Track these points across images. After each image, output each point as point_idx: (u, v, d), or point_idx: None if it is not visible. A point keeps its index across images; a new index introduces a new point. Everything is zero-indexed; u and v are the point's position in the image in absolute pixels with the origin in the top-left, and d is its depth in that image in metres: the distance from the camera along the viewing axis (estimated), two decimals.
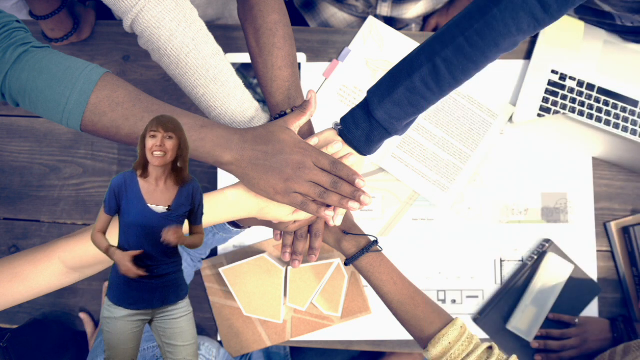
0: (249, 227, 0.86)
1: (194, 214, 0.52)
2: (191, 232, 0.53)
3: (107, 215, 0.50)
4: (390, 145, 1.05)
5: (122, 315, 0.51)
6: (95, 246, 0.50)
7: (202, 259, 1.00)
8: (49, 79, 0.62)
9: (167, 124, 0.48)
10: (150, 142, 0.48)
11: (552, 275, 1.00)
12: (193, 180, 0.52)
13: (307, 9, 1.30)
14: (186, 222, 0.53)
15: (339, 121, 0.78)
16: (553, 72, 1.07)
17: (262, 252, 1.01)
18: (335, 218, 0.74)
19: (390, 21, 1.22)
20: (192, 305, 1.05)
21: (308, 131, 0.83)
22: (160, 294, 0.52)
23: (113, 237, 0.51)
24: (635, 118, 1.05)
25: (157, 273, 0.51)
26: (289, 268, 0.99)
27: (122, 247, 0.51)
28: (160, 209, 0.50)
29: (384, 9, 1.19)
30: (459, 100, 1.07)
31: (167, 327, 0.53)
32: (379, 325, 1.03)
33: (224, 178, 1.05)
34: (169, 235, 0.48)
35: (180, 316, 0.54)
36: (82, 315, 1.04)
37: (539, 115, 1.06)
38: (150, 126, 0.48)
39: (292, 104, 0.81)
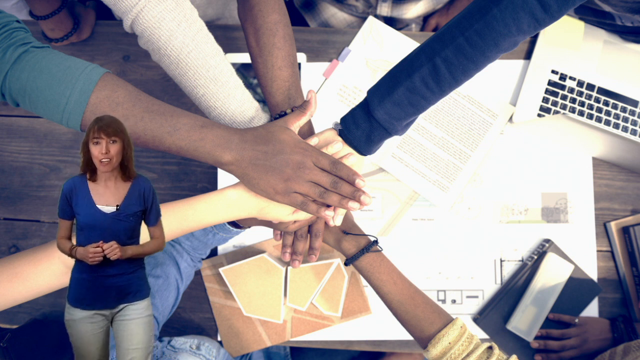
0: (249, 227, 0.86)
1: (148, 214, 0.52)
2: (150, 235, 0.53)
3: (64, 220, 0.50)
4: (390, 145, 1.05)
5: (81, 316, 0.51)
6: (62, 252, 0.50)
7: (202, 259, 1.00)
8: (49, 79, 0.62)
9: (108, 128, 0.48)
10: (95, 150, 0.48)
11: (552, 275, 1.00)
12: (143, 178, 0.52)
13: (307, 9, 1.30)
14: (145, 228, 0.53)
15: (339, 121, 0.78)
16: (553, 72, 1.07)
17: (262, 252, 1.01)
18: (335, 218, 0.74)
19: (390, 21, 1.22)
20: (192, 305, 1.05)
21: (308, 131, 0.83)
22: (115, 294, 0.51)
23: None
24: (635, 118, 1.05)
25: (111, 273, 0.51)
26: (289, 268, 0.99)
27: None
28: (109, 209, 0.50)
29: (384, 9, 1.19)
30: (459, 100, 1.07)
31: (119, 329, 0.52)
32: (379, 325, 1.03)
33: (224, 178, 1.05)
34: (109, 253, 0.48)
35: (132, 318, 0.52)
36: None
37: (539, 115, 1.06)
38: (92, 132, 0.48)
39: (292, 104, 0.81)
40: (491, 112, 1.07)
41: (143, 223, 0.53)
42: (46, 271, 0.61)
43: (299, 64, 1.08)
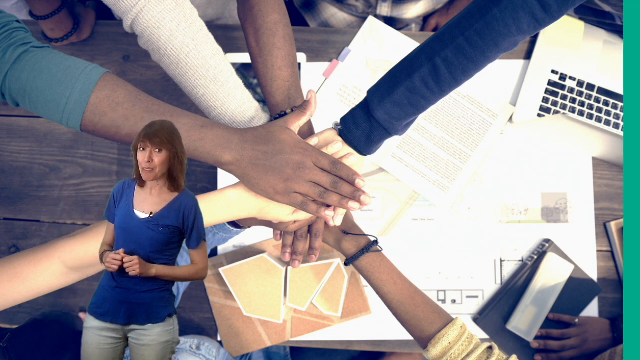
0: (249, 227, 0.86)
1: (188, 235, 0.50)
2: (190, 259, 0.51)
3: (109, 223, 0.50)
4: (390, 145, 1.05)
5: (92, 326, 0.50)
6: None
7: None
8: (49, 79, 0.62)
9: (154, 137, 0.46)
10: (140, 156, 0.47)
11: (552, 275, 1.00)
12: (189, 195, 0.50)
13: (307, 9, 1.30)
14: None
15: (339, 121, 0.78)
16: (553, 72, 1.07)
17: (262, 252, 1.01)
18: (335, 218, 0.74)
19: (390, 21, 1.22)
20: (192, 305, 1.05)
21: (308, 131, 0.83)
22: (126, 310, 0.49)
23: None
24: None
25: (128, 286, 0.49)
26: (289, 268, 0.99)
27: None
28: (143, 214, 0.49)
29: (384, 9, 1.19)
30: (459, 100, 1.07)
31: (132, 351, 0.50)
32: (379, 325, 1.03)
33: (224, 178, 1.05)
34: (128, 268, 0.46)
35: (144, 344, 0.49)
36: (82, 315, 1.04)
37: (539, 115, 1.06)
38: (140, 138, 0.47)
39: (292, 104, 0.81)
40: (491, 112, 1.07)
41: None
42: (46, 271, 0.61)
43: (299, 64, 1.08)
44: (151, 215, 0.48)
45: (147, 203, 0.49)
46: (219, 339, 1.03)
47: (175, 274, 0.49)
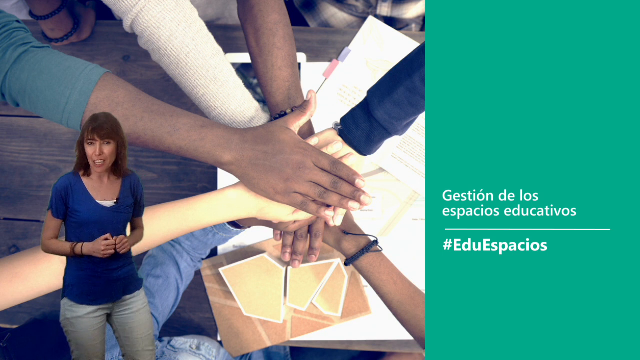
0: (249, 227, 0.86)
1: (137, 206, 0.54)
2: (132, 226, 0.55)
3: (56, 219, 0.51)
4: (390, 145, 1.05)
5: (86, 312, 0.52)
6: (53, 253, 0.51)
7: (202, 259, 1.00)
8: (49, 79, 0.62)
9: (101, 131, 0.49)
10: (89, 150, 0.49)
11: None
12: (132, 173, 0.54)
13: (307, 9, 1.30)
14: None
15: (339, 121, 0.78)
16: None
17: (262, 252, 1.01)
18: (335, 218, 0.74)
19: (390, 21, 1.22)
20: (192, 305, 1.05)
21: (308, 131, 0.83)
22: (120, 286, 0.54)
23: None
24: None
25: (115, 266, 0.53)
26: (289, 268, 0.99)
27: None
28: (109, 203, 0.52)
29: (384, 9, 1.19)
30: None
31: (126, 322, 0.54)
32: (379, 325, 1.03)
33: (224, 178, 1.05)
34: (120, 248, 0.51)
35: (138, 309, 0.55)
36: None
37: None
38: (87, 134, 0.49)
39: (292, 104, 0.81)
40: None
41: None
42: (46, 271, 0.61)
43: (299, 64, 1.08)
44: (117, 202, 0.52)
45: (103, 192, 0.52)
46: (219, 339, 1.03)
47: (137, 240, 0.55)
